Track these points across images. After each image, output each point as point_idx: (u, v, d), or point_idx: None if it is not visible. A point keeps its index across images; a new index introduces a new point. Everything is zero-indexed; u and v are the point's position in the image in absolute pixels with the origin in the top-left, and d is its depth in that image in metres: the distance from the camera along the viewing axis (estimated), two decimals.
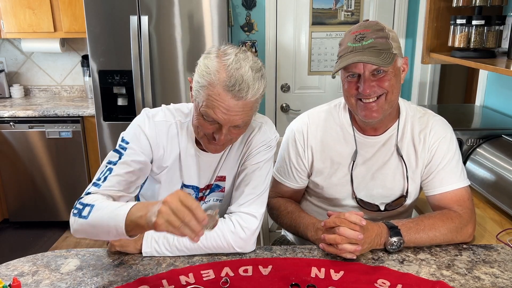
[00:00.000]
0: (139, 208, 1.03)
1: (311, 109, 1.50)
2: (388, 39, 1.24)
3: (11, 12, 3.21)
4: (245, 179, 1.30)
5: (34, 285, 1.12)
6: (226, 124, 1.13)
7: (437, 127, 1.38)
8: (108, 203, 1.12)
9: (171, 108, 1.32)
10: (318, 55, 3.26)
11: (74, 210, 1.14)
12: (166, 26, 2.81)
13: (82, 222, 1.11)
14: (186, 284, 1.12)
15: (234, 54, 1.12)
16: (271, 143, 1.33)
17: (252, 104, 1.14)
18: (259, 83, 1.12)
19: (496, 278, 1.14)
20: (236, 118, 1.12)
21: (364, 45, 1.23)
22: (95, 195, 1.16)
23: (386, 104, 1.28)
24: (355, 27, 1.28)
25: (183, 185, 1.33)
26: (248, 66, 1.11)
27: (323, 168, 1.43)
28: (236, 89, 1.08)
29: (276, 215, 1.50)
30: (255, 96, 1.12)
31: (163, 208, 0.94)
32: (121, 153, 1.24)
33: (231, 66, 1.09)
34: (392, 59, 1.22)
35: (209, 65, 1.12)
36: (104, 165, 1.24)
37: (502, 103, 2.15)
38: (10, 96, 3.65)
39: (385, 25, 1.28)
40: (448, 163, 1.36)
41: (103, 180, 1.20)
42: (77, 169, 3.23)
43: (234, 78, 1.08)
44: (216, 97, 1.09)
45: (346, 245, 1.18)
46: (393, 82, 1.26)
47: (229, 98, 1.09)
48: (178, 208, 0.93)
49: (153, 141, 1.25)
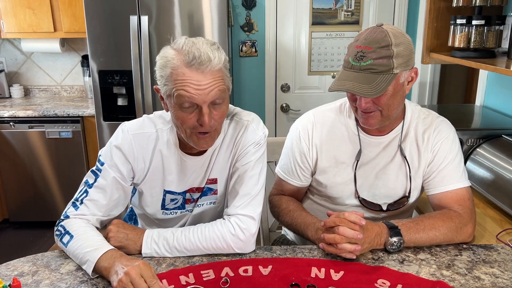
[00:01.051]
0: (108, 257, 1.12)
1: (317, 108, 1.50)
2: (392, 58, 1.20)
3: (11, 12, 3.21)
4: (238, 181, 1.29)
5: (34, 285, 1.12)
6: (203, 102, 1.11)
7: (441, 127, 1.39)
8: (85, 238, 1.18)
9: (152, 117, 1.30)
10: (318, 55, 3.26)
11: (56, 231, 1.24)
12: (166, 26, 2.81)
13: (62, 246, 1.22)
14: (186, 284, 1.12)
15: (184, 38, 1.15)
16: (260, 141, 1.31)
17: (220, 74, 1.13)
18: (218, 52, 1.13)
19: (496, 278, 1.14)
20: (210, 90, 1.11)
21: (362, 66, 1.22)
22: (75, 222, 1.23)
23: (382, 118, 1.29)
24: (362, 38, 1.24)
25: (166, 191, 1.33)
26: (201, 41, 1.13)
27: (327, 167, 1.44)
28: (197, 61, 1.09)
29: (277, 213, 1.50)
30: (219, 65, 1.12)
31: (123, 278, 1.03)
32: (97, 175, 1.26)
33: (184, 46, 1.11)
34: (389, 82, 1.21)
35: (164, 56, 1.14)
36: (82, 184, 1.28)
37: (502, 103, 2.15)
38: (10, 96, 3.65)
39: (395, 36, 1.21)
40: (450, 163, 1.37)
41: (80, 202, 1.25)
42: (77, 169, 3.23)
43: (192, 53, 1.09)
44: (183, 77, 1.10)
45: (346, 245, 1.18)
46: (389, 101, 1.26)
47: (195, 73, 1.09)
48: (136, 280, 1.03)
49: (131, 156, 1.25)
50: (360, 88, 1.20)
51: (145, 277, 1.04)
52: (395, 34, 1.22)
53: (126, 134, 1.25)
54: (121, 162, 1.25)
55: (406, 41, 1.24)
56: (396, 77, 1.23)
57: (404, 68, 1.24)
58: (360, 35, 1.26)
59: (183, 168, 1.30)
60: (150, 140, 1.26)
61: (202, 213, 1.39)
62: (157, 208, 1.36)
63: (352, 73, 1.24)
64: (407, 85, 1.29)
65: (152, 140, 1.26)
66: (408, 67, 1.26)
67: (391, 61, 1.21)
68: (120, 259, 1.11)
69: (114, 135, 1.27)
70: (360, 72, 1.22)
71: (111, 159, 1.25)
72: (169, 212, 1.37)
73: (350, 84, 1.22)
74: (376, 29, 1.24)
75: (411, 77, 1.29)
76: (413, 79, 1.30)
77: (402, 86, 1.27)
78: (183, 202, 1.36)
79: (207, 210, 1.39)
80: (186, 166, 1.30)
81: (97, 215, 1.26)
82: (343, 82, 1.24)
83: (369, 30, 1.25)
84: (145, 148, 1.26)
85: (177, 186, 1.32)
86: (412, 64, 1.27)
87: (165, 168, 1.29)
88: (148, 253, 1.23)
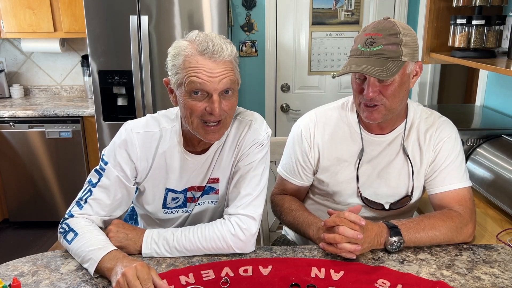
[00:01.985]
0: (111, 258, 1.13)
1: (319, 107, 1.50)
2: (400, 45, 1.22)
3: (11, 12, 3.21)
4: (240, 180, 1.29)
5: (34, 285, 1.12)
6: (214, 90, 1.13)
7: (443, 127, 1.40)
8: (89, 237, 1.19)
9: (156, 116, 1.31)
10: (318, 55, 3.26)
11: (60, 229, 1.25)
12: (166, 26, 2.81)
13: (65, 244, 1.23)
14: (186, 284, 1.12)
15: (197, 32, 1.18)
16: (262, 141, 1.31)
17: (231, 65, 1.16)
18: (230, 45, 1.16)
19: (496, 278, 1.14)
20: (221, 80, 1.13)
21: (372, 51, 1.23)
22: (80, 220, 1.23)
23: (386, 111, 1.30)
24: (370, 27, 1.27)
25: (168, 189, 1.33)
26: (213, 34, 1.17)
27: (329, 166, 1.44)
28: (210, 51, 1.12)
29: (279, 212, 1.50)
30: (231, 56, 1.15)
31: (120, 279, 1.05)
32: (101, 175, 1.26)
33: (197, 37, 1.15)
34: (398, 68, 1.22)
35: (177, 46, 1.16)
36: (86, 183, 1.28)
37: (502, 103, 2.15)
38: (10, 96, 3.65)
39: (402, 27, 1.25)
40: (452, 163, 1.37)
41: (84, 201, 1.26)
42: (77, 169, 3.23)
43: (206, 42, 1.13)
44: (196, 64, 1.12)
45: (346, 244, 1.18)
46: (396, 91, 1.26)
47: (208, 61, 1.12)
48: (132, 283, 1.04)
49: (134, 155, 1.25)
50: (373, 70, 1.21)
51: (141, 279, 1.04)
52: (402, 26, 1.26)
53: (130, 133, 1.25)
54: (124, 161, 1.25)
55: (413, 34, 1.27)
56: (404, 66, 1.24)
57: (411, 58, 1.25)
58: (368, 26, 1.29)
59: (185, 166, 1.30)
60: (154, 139, 1.26)
61: (202, 212, 1.39)
62: (159, 207, 1.36)
63: (362, 58, 1.25)
64: (412, 78, 1.31)
65: (155, 139, 1.27)
66: (414, 59, 1.28)
67: (400, 48, 1.23)
68: (122, 260, 1.11)
69: (117, 134, 1.28)
70: (370, 57, 1.23)
71: (114, 158, 1.25)
72: (170, 211, 1.37)
73: (361, 67, 1.23)
74: (384, 20, 1.27)
75: (415, 71, 1.31)
76: (418, 73, 1.32)
77: (408, 78, 1.29)
78: (184, 200, 1.36)
79: (207, 210, 1.39)
80: (188, 164, 1.30)
81: (100, 215, 1.26)
82: (354, 66, 1.24)
83: (376, 21, 1.28)
84: (149, 147, 1.26)
85: (178, 184, 1.32)
86: (417, 57, 1.29)
87: (168, 167, 1.29)
88: (148, 253, 1.23)
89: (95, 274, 1.14)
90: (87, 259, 1.15)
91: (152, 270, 1.09)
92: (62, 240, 1.24)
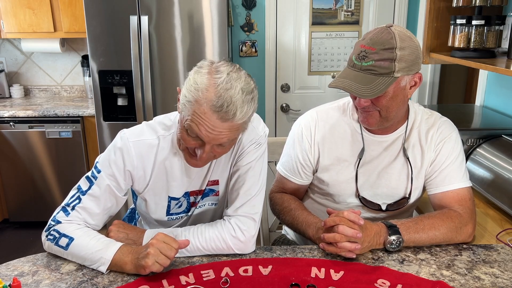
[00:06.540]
0: (125, 253, 1.15)
1: (320, 106, 1.50)
2: (394, 61, 1.20)
3: (11, 12, 3.21)
4: (239, 181, 1.28)
5: (34, 285, 1.12)
6: (209, 142, 1.10)
7: (444, 127, 1.40)
8: (88, 239, 1.18)
9: (151, 123, 1.28)
10: (318, 55, 3.26)
11: (48, 235, 1.22)
12: (166, 26, 2.81)
13: (58, 249, 1.21)
14: (186, 284, 1.12)
15: (227, 73, 1.07)
16: (260, 140, 1.30)
17: (239, 126, 1.10)
18: (248, 106, 1.08)
19: (496, 278, 1.14)
20: (221, 137, 1.09)
21: (362, 66, 1.22)
22: (70, 225, 1.21)
23: (381, 119, 1.30)
24: (368, 37, 1.23)
25: (170, 198, 1.31)
26: (240, 87, 1.06)
27: (329, 165, 1.44)
28: (223, 110, 1.04)
29: (278, 211, 1.50)
30: (243, 119, 1.08)
31: (151, 250, 1.09)
32: (92, 182, 1.23)
33: (221, 85, 1.05)
34: (388, 84, 1.20)
35: (198, 81, 1.07)
36: (75, 190, 1.26)
37: (502, 103, 2.15)
38: (10, 96, 3.65)
39: (401, 39, 1.20)
40: (452, 163, 1.37)
41: (72, 208, 1.24)
42: (77, 169, 3.23)
43: (223, 98, 1.04)
44: (202, 115, 1.05)
45: (346, 243, 1.19)
46: (388, 103, 1.25)
47: (215, 118, 1.05)
48: (164, 247, 1.10)
49: (129, 164, 1.23)
50: (357, 88, 1.21)
51: (167, 242, 1.11)
52: (402, 38, 1.21)
53: (126, 141, 1.22)
54: (118, 171, 1.22)
55: (413, 46, 1.23)
56: (396, 81, 1.22)
57: (406, 72, 1.22)
58: (368, 34, 1.26)
59: (186, 172, 1.29)
60: (151, 147, 1.24)
61: (202, 213, 1.39)
62: (162, 215, 1.35)
63: (352, 71, 1.25)
64: (410, 89, 1.28)
65: (153, 147, 1.24)
66: (411, 72, 1.24)
67: (392, 64, 1.20)
68: (136, 248, 1.16)
69: (113, 142, 1.25)
70: (360, 72, 1.23)
71: (108, 167, 1.22)
72: (175, 218, 1.36)
73: (348, 83, 1.23)
74: (384, 29, 1.23)
75: (414, 81, 1.28)
76: (417, 84, 1.28)
77: (403, 89, 1.26)
78: (187, 205, 1.35)
79: (207, 211, 1.39)
80: (189, 169, 1.28)
81: (90, 224, 1.24)
82: (342, 80, 1.25)
83: (377, 30, 1.24)
84: (145, 156, 1.24)
85: (179, 190, 1.31)
86: (416, 69, 1.26)
87: (168, 175, 1.28)
88: None
89: (107, 270, 1.16)
90: (95, 259, 1.15)
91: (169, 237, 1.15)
92: (53, 246, 1.21)
